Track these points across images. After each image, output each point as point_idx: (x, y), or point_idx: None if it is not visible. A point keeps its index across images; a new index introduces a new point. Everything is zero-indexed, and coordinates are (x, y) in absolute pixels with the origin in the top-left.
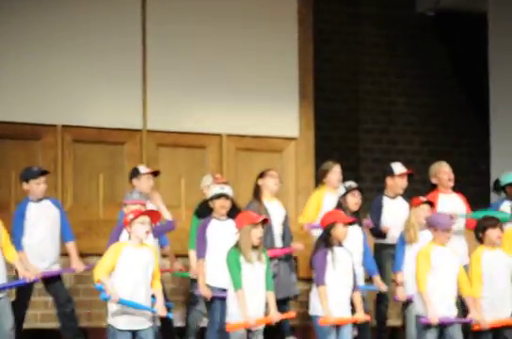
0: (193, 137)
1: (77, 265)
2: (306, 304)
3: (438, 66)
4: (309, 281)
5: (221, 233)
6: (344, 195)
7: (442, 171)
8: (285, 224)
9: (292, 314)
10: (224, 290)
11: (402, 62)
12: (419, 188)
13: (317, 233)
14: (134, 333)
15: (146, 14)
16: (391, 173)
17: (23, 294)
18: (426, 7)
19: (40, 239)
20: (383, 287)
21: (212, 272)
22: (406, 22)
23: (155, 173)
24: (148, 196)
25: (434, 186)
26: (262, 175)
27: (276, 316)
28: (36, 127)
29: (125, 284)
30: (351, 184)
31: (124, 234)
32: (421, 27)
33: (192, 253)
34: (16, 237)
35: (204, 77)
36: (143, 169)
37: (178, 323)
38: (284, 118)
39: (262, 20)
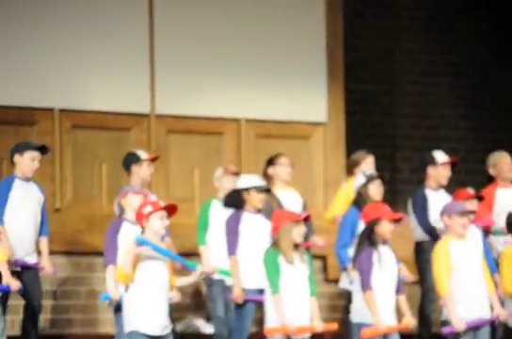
0: (208, 122)
1: (47, 265)
2: (332, 308)
3: (486, 41)
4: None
5: (256, 227)
6: (366, 184)
7: (503, 162)
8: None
9: (335, 325)
10: (261, 291)
11: (445, 37)
12: (464, 179)
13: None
14: None
15: None
16: (432, 162)
17: None
18: None
19: (22, 223)
20: (411, 277)
21: (245, 272)
22: None
23: (153, 159)
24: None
25: (491, 179)
26: (271, 162)
27: (320, 325)
28: (30, 111)
29: (152, 284)
30: (372, 172)
31: (124, 229)
32: None
33: (203, 249)
34: None
35: (220, 55)
36: (143, 154)
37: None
38: (311, 100)
39: None
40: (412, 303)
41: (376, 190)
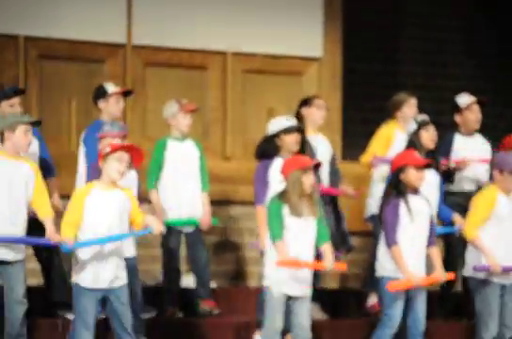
0: (190, 54)
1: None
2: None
3: None
4: (356, 234)
5: None
6: (417, 131)
7: None
8: (333, 163)
9: (344, 265)
10: None
11: None
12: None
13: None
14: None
15: None
16: (456, 108)
17: None
18: None
19: None
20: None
21: None
22: None
23: (126, 93)
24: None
25: None
26: (305, 103)
27: (329, 265)
28: None
29: (97, 235)
30: (424, 118)
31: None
32: None
33: (155, 194)
34: None
35: None
36: (111, 87)
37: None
38: (305, 32)
39: None
40: None
41: (429, 137)
